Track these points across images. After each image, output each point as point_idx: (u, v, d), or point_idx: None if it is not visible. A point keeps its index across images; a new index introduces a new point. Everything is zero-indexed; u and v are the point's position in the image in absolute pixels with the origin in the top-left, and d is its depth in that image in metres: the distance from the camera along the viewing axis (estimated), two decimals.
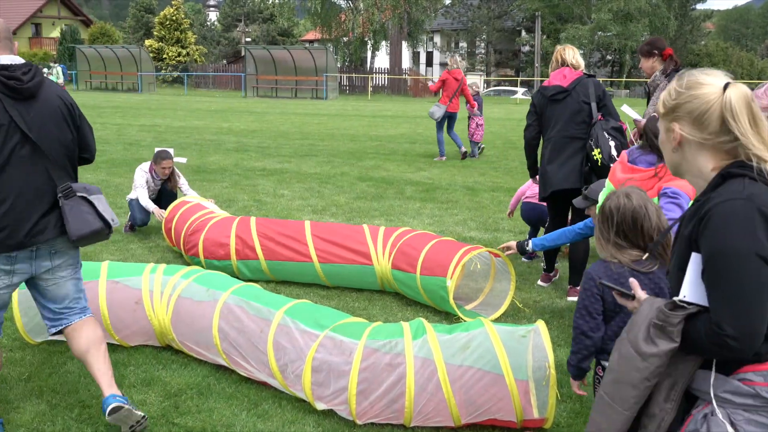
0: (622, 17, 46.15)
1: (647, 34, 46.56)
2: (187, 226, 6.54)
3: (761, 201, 1.92)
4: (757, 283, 1.90)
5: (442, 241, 5.66)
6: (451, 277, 5.18)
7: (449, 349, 3.72)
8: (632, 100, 42.54)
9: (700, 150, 2.07)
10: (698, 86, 2.05)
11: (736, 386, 2.01)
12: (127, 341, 4.68)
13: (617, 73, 50.76)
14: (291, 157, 14.53)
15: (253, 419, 3.84)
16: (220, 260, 6.18)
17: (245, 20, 75.61)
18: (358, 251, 5.82)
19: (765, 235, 1.90)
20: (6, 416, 3.80)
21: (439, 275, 5.26)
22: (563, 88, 5.73)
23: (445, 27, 63.10)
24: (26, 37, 62.14)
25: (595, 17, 47.12)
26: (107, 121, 23.16)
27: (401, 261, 5.59)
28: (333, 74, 44.01)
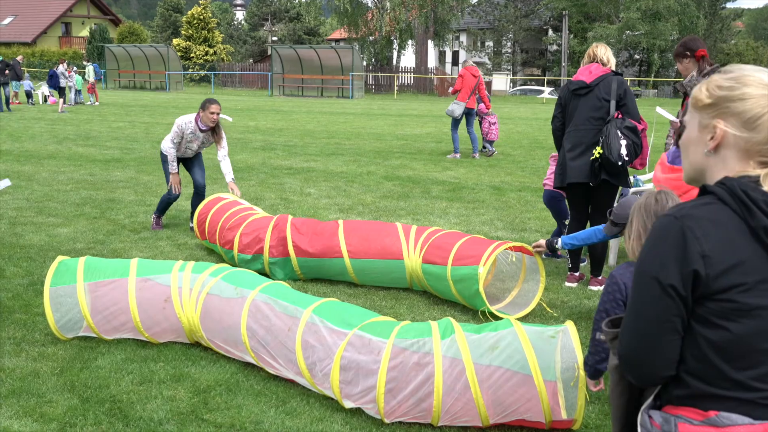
0: (650, 16, 45.68)
1: (676, 33, 46.06)
2: (224, 220, 6.59)
3: (695, 224, 1.64)
4: (653, 312, 1.70)
5: (474, 237, 5.70)
6: (484, 264, 5.18)
7: (478, 349, 3.71)
8: (661, 100, 42.15)
9: (740, 156, 1.73)
10: (755, 84, 1.71)
11: (644, 420, 1.85)
12: (157, 338, 4.73)
13: (645, 73, 50.24)
14: (317, 156, 14.58)
15: (282, 416, 3.86)
16: (254, 255, 6.23)
17: (272, 19, 75.95)
18: (389, 247, 5.85)
19: (678, 262, 1.65)
20: (39, 410, 3.86)
21: (472, 265, 5.27)
22: (586, 83, 5.87)
23: (471, 26, 62.84)
24: (56, 36, 62.89)
25: (624, 16, 46.65)
26: (135, 119, 23.38)
27: (432, 255, 5.61)
28: (359, 73, 44.04)
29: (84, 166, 12.64)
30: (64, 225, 8.09)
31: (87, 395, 4.04)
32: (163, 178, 11.35)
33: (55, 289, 4.71)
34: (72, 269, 4.79)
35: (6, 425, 3.69)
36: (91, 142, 16.33)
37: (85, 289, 4.71)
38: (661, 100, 42.04)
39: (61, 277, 4.75)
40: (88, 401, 3.97)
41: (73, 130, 19.25)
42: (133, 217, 8.53)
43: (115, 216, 8.59)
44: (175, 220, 8.42)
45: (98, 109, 27.69)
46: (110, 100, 33.95)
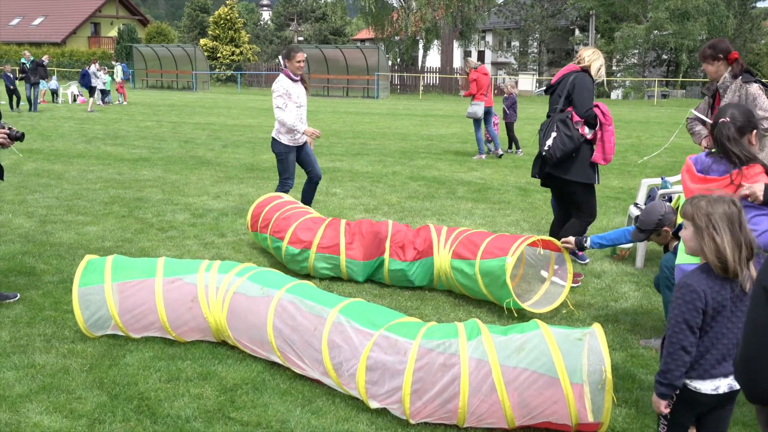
0: (679, 16, 45.20)
1: (705, 33, 45.51)
2: (280, 213, 6.66)
3: None
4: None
5: (502, 234, 5.76)
6: (512, 254, 5.19)
7: (504, 351, 3.71)
8: (689, 100, 41.70)
9: None
10: None
11: None
12: (184, 337, 4.77)
13: (673, 73, 49.69)
14: (343, 156, 14.61)
15: (308, 415, 3.88)
16: (301, 249, 6.28)
17: (298, 19, 76.21)
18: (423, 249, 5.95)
19: None
20: (69, 406, 3.91)
21: (500, 257, 5.31)
22: (551, 83, 6.20)
23: (497, 26, 62.62)
24: (85, 36, 63.64)
25: (652, 16, 46.18)
26: (163, 119, 23.58)
27: (462, 249, 5.66)
28: (384, 73, 44.08)
29: (112, 165, 12.78)
30: (92, 223, 8.19)
31: (115, 392, 4.09)
32: (189, 177, 11.45)
33: (83, 288, 4.76)
34: (100, 269, 4.84)
35: (36, 420, 3.74)
36: (120, 142, 16.50)
37: (114, 289, 4.76)
38: (689, 101, 41.59)
39: (90, 277, 4.80)
40: (117, 398, 4.02)
41: (101, 129, 19.47)
42: (160, 216, 8.60)
43: (143, 215, 8.67)
44: (202, 220, 8.48)
45: (126, 109, 27.97)
46: (138, 100, 34.27)
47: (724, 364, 2.79)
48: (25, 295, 5.66)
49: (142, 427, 3.71)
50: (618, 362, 4.57)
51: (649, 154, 14.59)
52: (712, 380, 2.80)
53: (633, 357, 4.68)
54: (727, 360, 2.79)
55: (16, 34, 62.45)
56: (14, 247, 7.10)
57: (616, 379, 4.31)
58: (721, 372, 2.79)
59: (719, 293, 2.71)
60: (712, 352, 2.78)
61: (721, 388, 2.81)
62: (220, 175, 11.86)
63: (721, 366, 2.79)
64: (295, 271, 6.34)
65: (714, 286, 2.73)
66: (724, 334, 2.77)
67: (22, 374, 4.28)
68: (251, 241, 7.48)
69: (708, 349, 2.78)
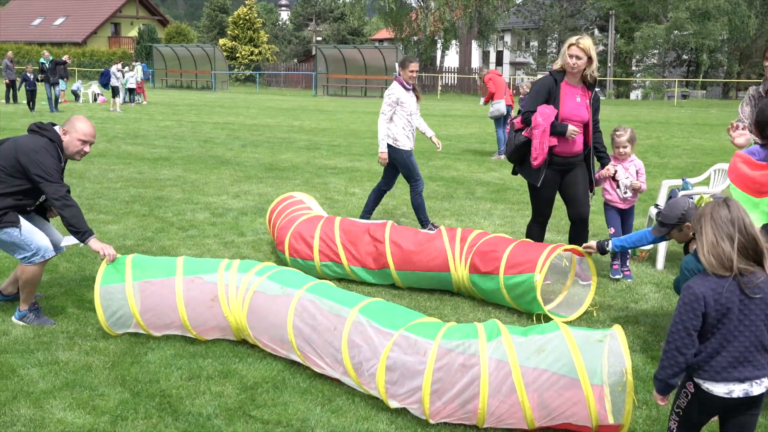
0: (699, 16, 44.87)
1: (726, 33, 45.13)
2: (281, 220, 6.65)
3: None
4: None
5: (523, 242, 5.69)
6: (540, 271, 5.17)
7: (524, 352, 3.70)
8: (709, 101, 41.40)
9: None
10: None
11: None
12: (204, 335, 4.81)
13: (693, 73, 49.29)
14: (362, 156, 14.63)
15: (327, 414, 3.89)
16: (305, 260, 6.26)
17: (316, 19, 76.41)
18: (436, 261, 5.84)
19: None
20: (92, 402, 3.95)
21: (526, 273, 5.26)
22: None
23: (516, 26, 62.43)
24: (105, 36, 64.12)
25: (672, 16, 45.88)
26: (182, 118, 23.73)
27: (481, 262, 5.58)
28: None
29: (133, 164, 12.88)
30: (114, 222, 8.26)
31: (137, 389, 4.13)
32: (209, 176, 11.51)
33: (105, 287, 4.81)
34: (120, 268, 4.88)
35: (60, 417, 3.78)
36: (140, 141, 16.62)
37: (135, 288, 4.80)
38: (709, 101, 41.31)
39: (111, 276, 4.85)
40: (139, 395, 4.06)
41: (122, 128, 19.62)
42: (180, 215, 8.66)
43: (163, 214, 8.74)
44: (222, 219, 8.53)
45: (146, 108, 28.16)
46: (157, 100, 34.50)
47: (739, 368, 2.77)
48: (49, 293, 5.72)
49: (164, 425, 3.74)
50: (638, 364, 4.55)
51: (669, 156, 14.49)
52: (725, 384, 2.79)
53: (653, 359, 4.66)
54: (744, 365, 2.77)
55: (38, 34, 63.05)
56: None
57: (636, 381, 4.29)
58: (736, 377, 2.78)
59: (723, 295, 2.73)
60: (722, 354, 2.77)
61: (735, 392, 2.79)
62: (239, 174, 11.93)
63: (736, 370, 2.77)
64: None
65: (717, 288, 2.74)
66: (736, 336, 2.76)
67: (46, 371, 4.33)
68: (271, 240, 7.51)
69: (717, 351, 2.78)
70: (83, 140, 5.09)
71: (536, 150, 5.85)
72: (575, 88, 5.95)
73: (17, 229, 4.90)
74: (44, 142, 4.93)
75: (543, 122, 5.76)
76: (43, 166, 4.83)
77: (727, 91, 47.14)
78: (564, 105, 5.88)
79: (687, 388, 2.92)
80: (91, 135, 5.14)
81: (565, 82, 5.92)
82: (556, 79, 5.92)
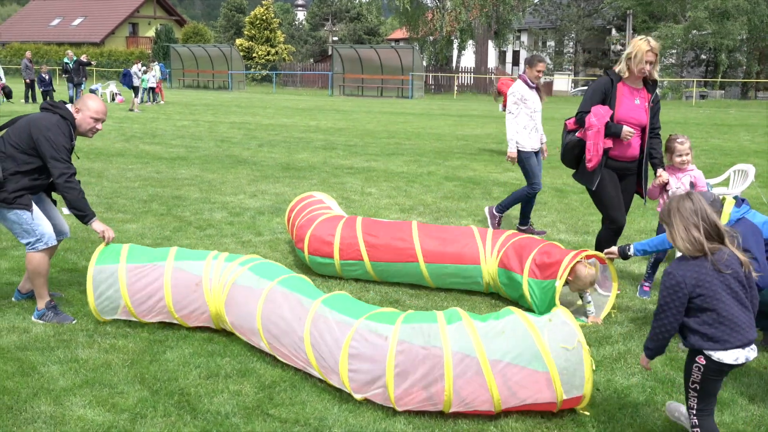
0: (718, 15, 44.51)
1: (745, 33, 44.73)
2: (300, 219, 6.63)
3: None
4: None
5: (550, 244, 5.66)
6: (560, 277, 5.16)
7: (486, 335, 3.82)
8: (728, 101, 41.07)
9: None
10: None
11: None
12: (187, 321, 4.95)
13: (712, 73, 48.87)
14: (378, 156, 14.64)
15: (345, 414, 3.90)
16: (324, 257, 6.24)
17: (332, 19, 76.50)
18: (465, 252, 5.83)
19: None
20: (111, 400, 3.98)
21: (549, 277, 5.27)
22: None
23: (532, 26, 62.23)
24: (123, 36, 64.51)
25: (691, 15, 45.54)
26: (199, 118, 23.83)
27: (509, 261, 5.60)
28: (419, 73, 44.06)
29: (151, 163, 12.95)
30: (132, 221, 8.31)
31: (156, 387, 4.15)
32: (226, 176, 11.56)
33: (98, 267, 4.95)
34: (115, 253, 5.03)
35: (80, 414, 3.81)
36: (157, 140, 16.71)
37: (125, 269, 4.93)
38: (728, 101, 40.99)
39: (105, 258, 5.01)
40: (158, 393, 4.08)
41: (139, 128, 19.73)
42: (198, 214, 8.70)
43: (181, 213, 8.78)
44: (239, 218, 8.56)
45: (163, 108, 28.30)
46: (175, 99, 34.67)
47: (736, 335, 3.15)
48: (68, 291, 5.77)
49: (182, 423, 3.76)
50: (658, 366, 4.53)
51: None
52: (734, 350, 3.16)
53: (672, 361, 4.64)
54: (738, 331, 3.15)
55: (56, 35, 63.56)
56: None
57: (655, 383, 4.30)
58: (738, 342, 3.15)
59: (699, 272, 3.16)
60: (723, 323, 3.15)
61: (740, 359, 3.18)
62: (256, 174, 11.96)
63: (737, 335, 3.15)
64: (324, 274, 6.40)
65: (695, 268, 3.17)
66: (725, 303, 3.15)
67: (66, 368, 4.37)
68: (288, 240, 7.54)
69: (716, 321, 3.16)
70: (95, 118, 5.19)
71: (590, 152, 5.66)
72: (634, 90, 5.73)
73: (29, 213, 4.99)
74: (56, 120, 5.01)
75: (597, 122, 5.58)
76: (53, 144, 4.91)
77: (746, 91, 46.73)
78: (621, 106, 5.67)
79: (698, 362, 3.23)
80: (103, 112, 5.23)
81: (623, 82, 5.70)
82: (613, 79, 5.70)
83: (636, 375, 4.42)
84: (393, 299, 5.82)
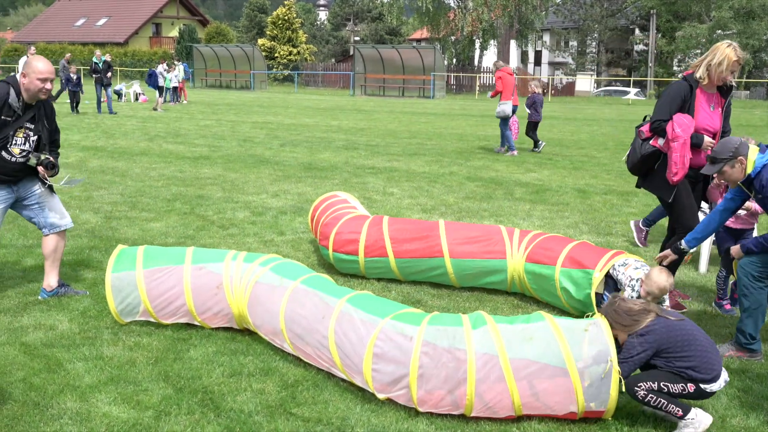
0: (743, 15, 44.09)
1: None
2: (325, 217, 6.65)
3: None
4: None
5: (584, 242, 5.65)
6: (601, 269, 5.14)
7: (512, 339, 3.81)
8: (753, 101, 40.62)
9: None
10: None
11: None
12: (209, 323, 4.97)
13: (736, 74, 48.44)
14: (399, 156, 14.64)
15: (367, 414, 3.91)
16: (348, 255, 6.25)
17: (354, 19, 76.61)
18: (491, 248, 5.83)
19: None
20: (136, 398, 4.02)
21: (584, 268, 5.23)
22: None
23: (555, 25, 61.96)
24: (147, 37, 65.03)
25: (715, 15, 45.16)
26: (222, 117, 23.96)
27: (539, 255, 5.59)
28: (440, 73, 44.01)
29: (174, 162, 13.04)
30: (156, 220, 8.37)
31: (180, 385, 4.18)
32: (248, 175, 11.62)
33: (116, 274, 4.97)
34: (132, 257, 5.06)
35: (106, 411, 3.85)
36: (180, 140, 16.83)
37: (143, 276, 4.95)
38: (753, 102, 40.55)
39: (122, 264, 5.03)
40: (182, 391, 4.11)
41: (163, 127, 19.87)
42: (221, 214, 8.75)
43: (204, 212, 8.84)
44: (261, 218, 8.60)
45: (186, 108, 28.49)
46: (197, 99, 34.89)
47: (715, 366, 3.74)
48: (93, 289, 5.83)
49: (206, 420, 3.79)
50: None
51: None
52: (717, 382, 3.74)
53: None
54: (714, 362, 3.74)
55: (81, 35, 64.19)
56: (82, 241, 7.31)
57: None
58: (716, 374, 3.74)
59: (664, 330, 3.79)
60: (703, 364, 3.70)
61: (722, 385, 3.79)
62: (278, 173, 12.01)
63: (715, 369, 3.74)
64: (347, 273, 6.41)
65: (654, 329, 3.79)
66: (696, 346, 3.75)
67: (91, 365, 4.41)
68: (311, 239, 7.56)
69: (699, 363, 3.70)
70: (42, 78, 5.24)
71: (677, 165, 5.32)
72: (710, 96, 5.48)
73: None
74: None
75: (682, 134, 5.26)
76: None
77: None
78: (698, 114, 5.41)
79: (687, 387, 3.70)
80: (48, 71, 5.27)
81: (700, 89, 5.44)
82: (692, 85, 5.41)
83: None
84: (415, 299, 5.82)
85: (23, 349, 4.64)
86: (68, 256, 6.74)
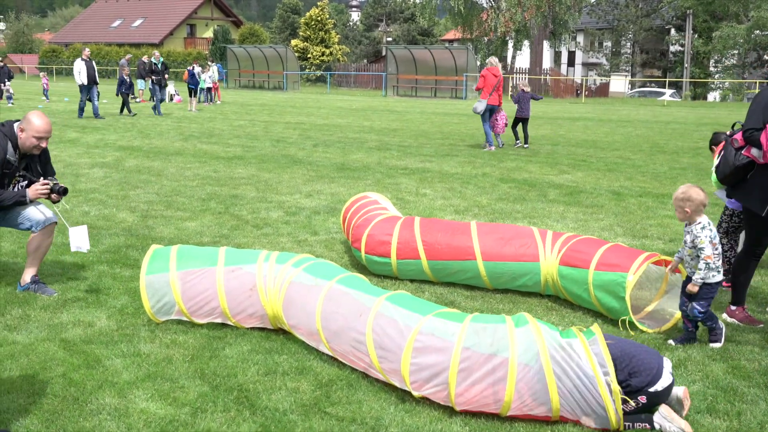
0: None
1: None
2: (357, 219, 6.67)
3: None
4: None
5: (617, 245, 5.61)
6: (635, 272, 5.10)
7: (552, 341, 3.82)
8: None
9: None
10: None
11: None
12: (243, 323, 5.02)
13: None
14: (432, 157, 14.63)
15: (401, 414, 3.92)
16: (381, 257, 6.26)
17: (386, 20, 76.69)
18: (524, 251, 5.80)
19: None
20: (173, 394, 4.07)
21: (618, 271, 5.19)
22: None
23: (589, 26, 61.45)
24: (181, 37, 65.74)
25: (754, 15, 44.45)
26: (255, 118, 24.13)
27: (572, 258, 5.55)
28: (473, 74, 43.88)
29: (208, 162, 13.17)
30: (191, 219, 8.47)
31: (216, 383, 4.23)
32: (282, 175, 11.69)
33: (150, 276, 5.05)
34: (165, 258, 5.12)
35: (143, 407, 3.91)
36: (215, 140, 16.98)
37: (177, 278, 5.02)
38: None
39: (156, 266, 5.09)
40: (218, 389, 4.16)
41: (197, 128, 20.07)
42: (255, 213, 8.82)
43: (239, 212, 8.91)
44: (295, 218, 8.66)
45: (220, 108, 28.74)
46: (231, 99, 35.17)
47: (654, 365, 3.82)
48: (130, 287, 5.91)
49: (242, 418, 3.82)
50: (719, 374, 4.44)
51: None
52: (662, 379, 3.78)
53: (735, 369, 4.54)
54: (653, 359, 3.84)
55: (117, 36, 65.14)
56: (119, 240, 7.42)
57: (717, 391, 4.21)
58: (659, 372, 3.80)
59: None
60: (641, 370, 3.78)
61: (669, 378, 3.82)
62: (311, 174, 12.07)
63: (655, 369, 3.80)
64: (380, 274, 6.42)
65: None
66: (635, 355, 3.85)
67: (129, 362, 4.48)
68: (343, 239, 7.59)
69: (636, 370, 3.79)
70: (37, 137, 5.38)
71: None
72: None
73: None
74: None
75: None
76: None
77: None
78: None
79: (639, 400, 3.74)
80: (45, 131, 5.42)
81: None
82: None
83: (697, 382, 4.34)
84: (448, 300, 5.82)
85: (63, 345, 4.72)
86: (106, 254, 6.85)
